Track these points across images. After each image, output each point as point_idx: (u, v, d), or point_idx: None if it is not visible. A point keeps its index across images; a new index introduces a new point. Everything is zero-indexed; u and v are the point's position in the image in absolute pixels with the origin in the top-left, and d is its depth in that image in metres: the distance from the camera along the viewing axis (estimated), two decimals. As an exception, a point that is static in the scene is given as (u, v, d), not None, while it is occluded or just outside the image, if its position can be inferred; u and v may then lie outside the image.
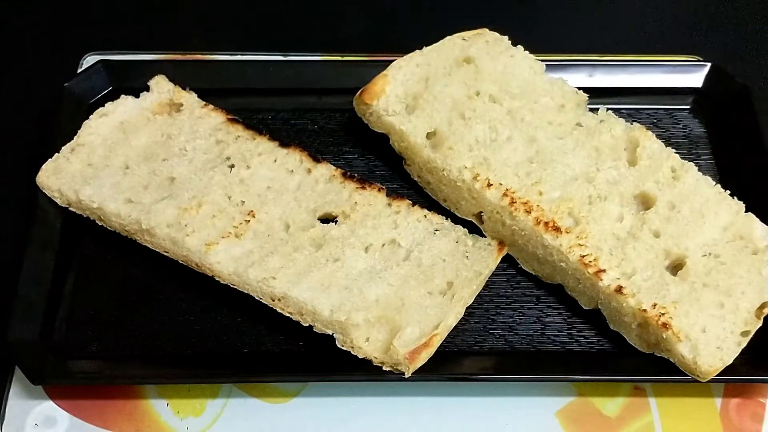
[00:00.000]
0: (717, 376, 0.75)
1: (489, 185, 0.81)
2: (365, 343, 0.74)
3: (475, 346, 0.79)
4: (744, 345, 0.75)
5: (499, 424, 0.76)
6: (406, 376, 0.73)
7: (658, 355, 0.76)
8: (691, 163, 0.84)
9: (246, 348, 0.79)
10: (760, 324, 0.76)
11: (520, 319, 0.81)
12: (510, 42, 0.91)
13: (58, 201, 0.83)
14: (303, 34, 1.07)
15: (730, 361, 0.74)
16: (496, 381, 0.77)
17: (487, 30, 0.91)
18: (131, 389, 0.78)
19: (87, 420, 0.76)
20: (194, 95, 0.89)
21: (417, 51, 0.89)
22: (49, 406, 0.76)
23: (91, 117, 0.88)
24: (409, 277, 0.78)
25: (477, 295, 0.81)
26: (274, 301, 0.77)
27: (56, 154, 0.85)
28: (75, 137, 0.86)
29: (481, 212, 0.83)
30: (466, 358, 0.79)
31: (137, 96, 0.89)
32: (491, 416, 0.77)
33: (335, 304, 0.75)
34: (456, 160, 0.82)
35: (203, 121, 0.88)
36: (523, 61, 0.89)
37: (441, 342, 0.74)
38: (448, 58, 0.89)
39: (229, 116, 0.88)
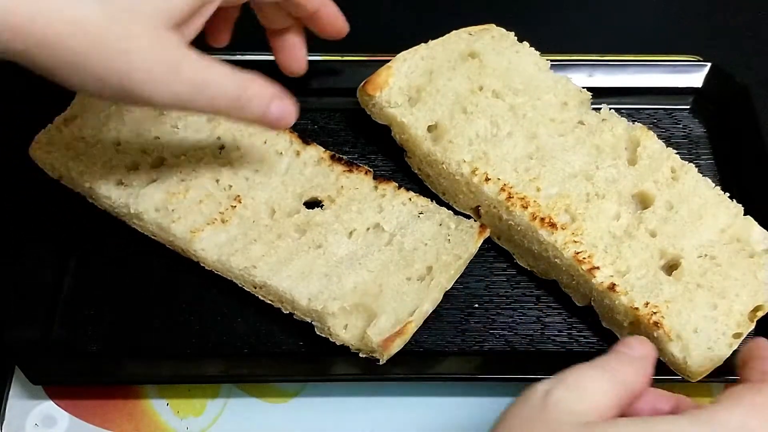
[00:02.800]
0: (717, 376, 0.75)
1: (487, 179, 0.81)
2: (343, 331, 0.75)
3: (475, 346, 0.79)
4: (735, 347, 0.74)
5: (500, 424, 0.76)
6: (381, 363, 0.73)
7: None
8: (691, 164, 0.84)
9: (246, 348, 0.79)
10: (752, 327, 0.76)
11: (520, 319, 0.81)
12: (516, 38, 0.91)
13: (50, 174, 0.84)
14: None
15: (721, 363, 0.73)
16: (496, 381, 0.77)
17: (494, 25, 0.91)
18: (131, 389, 0.78)
19: (87, 420, 0.76)
20: None
21: (422, 44, 0.89)
22: (49, 406, 0.76)
23: None
24: (389, 262, 0.78)
25: (477, 295, 0.81)
26: (255, 288, 0.77)
27: (49, 125, 0.85)
28: (68, 108, 0.86)
29: (479, 206, 0.83)
30: (466, 358, 0.79)
31: None
32: (492, 416, 0.76)
33: (313, 293, 0.75)
34: (455, 154, 0.83)
35: None
36: (528, 58, 0.90)
37: (416, 329, 0.74)
38: (453, 52, 0.89)
39: None
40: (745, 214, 0.81)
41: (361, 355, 0.74)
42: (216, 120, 0.86)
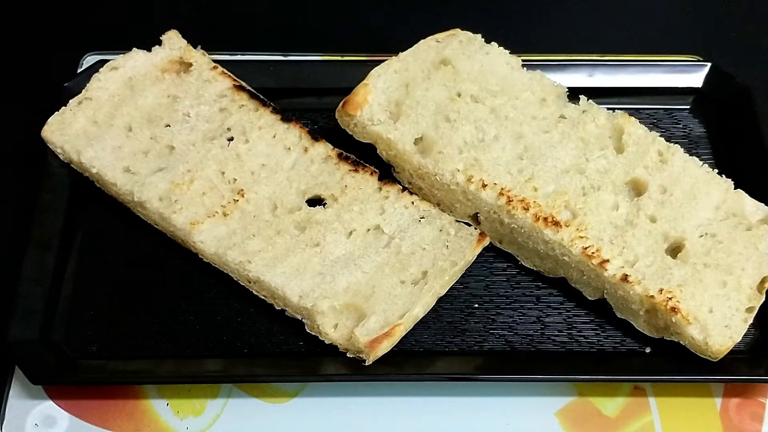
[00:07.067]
0: (717, 375, 0.75)
1: (484, 186, 0.81)
2: (332, 330, 0.75)
3: (475, 346, 0.79)
4: (750, 321, 0.76)
5: (499, 423, 0.76)
6: (367, 364, 0.74)
7: (668, 339, 0.77)
8: (677, 145, 0.85)
9: (246, 348, 0.79)
10: (763, 299, 0.77)
11: (520, 319, 0.81)
12: (483, 40, 0.90)
13: (61, 157, 0.85)
14: (303, 34, 1.07)
15: (739, 339, 0.75)
16: (496, 381, 0.77)
17: (459, 30, 0.91)
18: (131, 389, 0.77)
19: (87, 420, 0.76)
20: (205, 55, 0.90)
21: (393, 57, 0.89)
22: (49, 406, 0.76)
23: (101, 70, 0.88)
24: (384, 264, 0.78)
25: (477, 295, 0.81)
26: (250, 283, 0.78)
27: (63, 107, 0.86)
28: (83, 90, 0.87)
29: (477, 213, 0.83)
30: (466, 358, 0.79)
31: (149, 50, 0.90)
32: (491, 416, 0.77)
33: (305, 291, 0.75)
34: (447, 164, 0.82)
35: (210, 86, 0.88)
36: (499, 58, 0.90)
37: (405, 332, 0.75)
38: (424, 61, 0.89)
39: (236, 83, 0.88)
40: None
41: (348, 355, 0.74)
42: (228, 110, 0.86)
